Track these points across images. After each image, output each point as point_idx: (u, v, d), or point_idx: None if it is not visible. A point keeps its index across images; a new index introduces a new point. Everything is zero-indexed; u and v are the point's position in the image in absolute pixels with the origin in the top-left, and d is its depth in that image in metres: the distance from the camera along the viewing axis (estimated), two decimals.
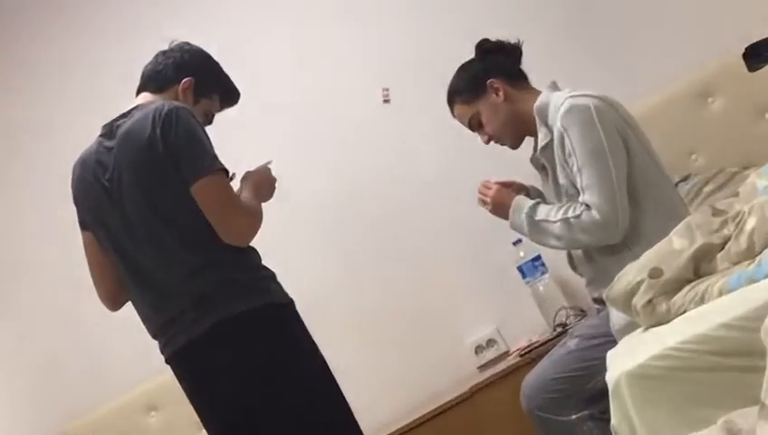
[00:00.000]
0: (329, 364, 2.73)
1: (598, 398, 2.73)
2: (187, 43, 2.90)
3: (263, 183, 2.83)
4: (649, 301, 2.16)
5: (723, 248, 2.18)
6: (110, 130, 2.73)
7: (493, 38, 3.07)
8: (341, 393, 2.71)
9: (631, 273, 2.24)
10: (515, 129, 3.00)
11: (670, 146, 3.72)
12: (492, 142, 3.06)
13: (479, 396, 3.65)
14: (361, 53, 4.26)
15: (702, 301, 2.05)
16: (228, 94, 2.93)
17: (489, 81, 2.98)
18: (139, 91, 2.85)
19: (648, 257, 2.26)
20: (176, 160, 2.59)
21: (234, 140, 3.51)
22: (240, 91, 2.95)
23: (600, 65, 3.98)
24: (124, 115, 2.73)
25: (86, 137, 2.83)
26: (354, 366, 3.94)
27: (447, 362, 4.06)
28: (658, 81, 3.89)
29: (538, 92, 2.96)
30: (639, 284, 2.19)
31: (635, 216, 2.75)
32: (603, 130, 2.73)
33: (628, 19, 4.02)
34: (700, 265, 2.17)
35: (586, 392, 2.79)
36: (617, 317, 2.61)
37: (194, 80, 2.82)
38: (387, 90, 4.19)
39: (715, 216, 2.26)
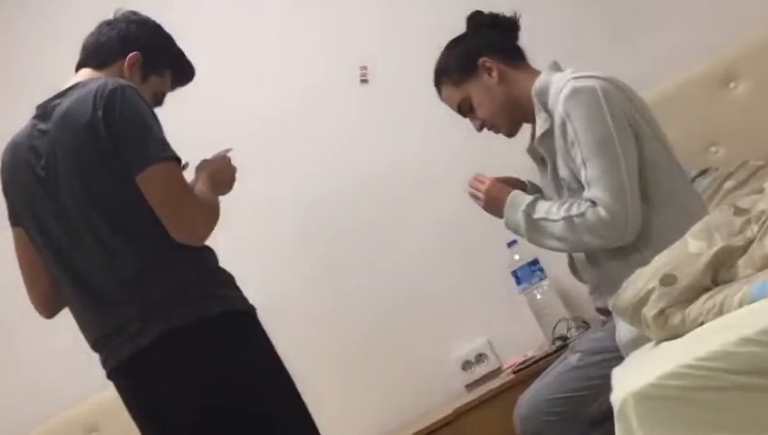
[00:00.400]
0: (296, 383, 2.72)
1: (601, 421, 2.73)
2: (135, 13, 2.89)
3: (220, 173, 2.82)
4: (661, 311, 2.16)
5: (745, 252, 2.18)
6: (44, 112, 2.71)
7: (486, 10, 3.06)
8: (307, 412, 2.70)
9: (641, 279, 2.24)
10: (511, 114, 2.99)
11: (687, 136, 3.73)
12: (485, 129, 3.06)
13: (466, 419, 3.62)
14: (335, 24, 4.24)
15: (721, 312, 2.05)
16: (181, 71, 2.92)
17: (481, 59, 2.97)
18: (78, 67, 2.83)
19: (661, 262, 2.26)
20: (120, 146, 2.56)
21: (188, 124, 3.50)
22: (195, 68, 2.93)
23: (609, 43, 3.99)
24: (61, 94, 2.71)
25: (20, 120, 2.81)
26: (326, 384, 3.96)
27: (431, 379, 4.06)
28: (674, 62, 3.89)
29: (537, 73, 2.95)
30: (650, 292, 2.19)
31: (646, 214, 2.74)
32: (611, 115, 2.72)
33: None
34: (719, 272, 2.17)
35: (588, 415, 2.79)
36: (624, 330, 2.62)
37: (141, 54, 2.80)
38: (365, 68, 4.19)
39: (737, 215, 2.27)
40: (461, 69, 3.01)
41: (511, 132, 3.04)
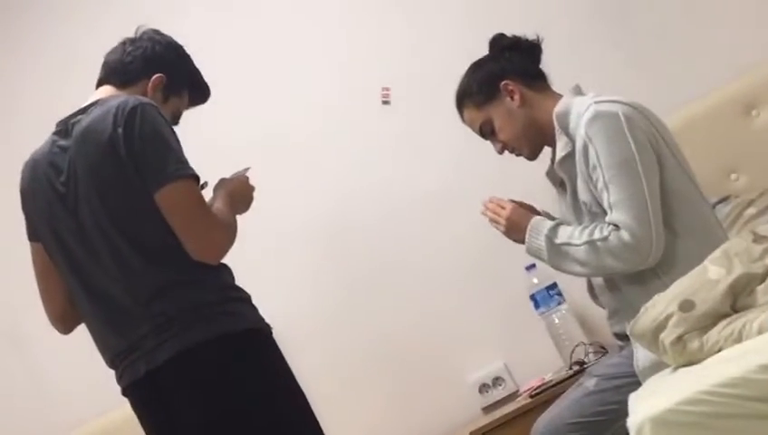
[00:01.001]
0: (311, 403, 2.69)
1: None
2: (158, 32, 2.88)
3: (238, 192, 2.82)
4: (679, 337, 2.15)
5: (765, 279, 2.16)
6: (64, 128, 2.71)
7: (509, 33, 3.05)
8: (321, 432, 2.67)
9: (660, 305, 2.23)
10: (533, 137, 2.97)
11: (708, 163, 3.71)
12: (506, 152, 3.04)
13: None
14: (359, 47, 4.25)
15: (740, 339, 2.04)
16: (199, 92, 2.93)
17: (503, 82, 2.96)
18: (100, 84, 2.83)
19: (680, 288, 2.25)
20: (139, 164, 2.56)
21: (210, 143, 3.49)
22: (215, 90, 2.94)
23: (631, 69, 3.97)
24: (82, 111, 2.70)
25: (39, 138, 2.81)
26: (341, 405, 3.96)
27: (448, 401, 4.03)
28: (696, 89, 3.87)
29: (559, 96, 2.94)
30: (668, 317, 2.18)
31: (668, 240, 2.71)
32: (634, 140, 2.70)
33: (664, 18, 4.00)
34: (738, 298, 2.16)
35: None
36: (642, 355, 2.60)
37: (165, 77, 2.79)
38: (387, 89, 4.18)
39: (757, 242, 2.26)
40: (483, 92, 2.99)
41: (532, 155, 3.02)
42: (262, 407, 2.57)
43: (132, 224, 2.59)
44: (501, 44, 3.05)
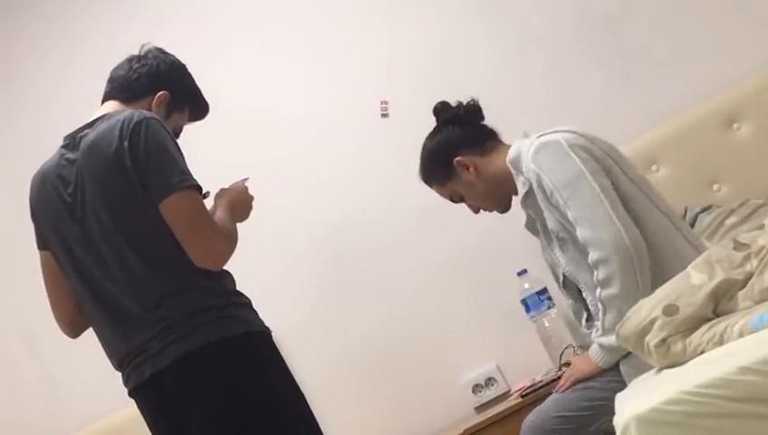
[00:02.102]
0: (309, 403, 2.70)
1: None
2: (162, 51, 2.89)
3: (238, 201, 2.82)
4: (663, 340, 2.14)
5: (745, 285, 2.17)
6: (72, 141, 2.71)
7: (452, 101, 3.10)
8: (321, 433, 2.68)
9: (644, 309, 2.23)
10: (498, 195, 3.05)
11: (691, 174, 3.74)
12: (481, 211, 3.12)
13: None
14: (357, 60, 4.24)
15: (721, 342, 2.03)
16: (200, 109, 2.95)
17: (456, 160, 3.02)
18: (105, 99, 2.84)
19: (664, 293, 2.25)
20: (144, 176, 2.57)
21: (212, 156, 3.50)
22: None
23: (617, 85, 3.98)
24: (89, 125, 2.71)
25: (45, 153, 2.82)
26: (337, 405, 3.94)
27: (442, 401, 4.04)
28: (680, 104, 3.88)
29: (509, 147, 2.98)
30: (653, 321, 2.17)
31: None
32: (577, 156, 2.74)
33: (649, 37, 4.00)
34: (719, 303, 2.16)
35: (590, 434, 2.77)
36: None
37: (169, 94, 2.81)
38: (386, 102, 4.18)
39: (737, 250, 2.25)
40: (441, 172, 3.08)
41: (503, 209, 3.10)
42: (263, 407, 2.57)
43: (137, 233, 2.60)
44: (444, 117, 3.10)
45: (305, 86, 4.28)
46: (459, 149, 3.02)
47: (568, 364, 3.52)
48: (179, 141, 2.76)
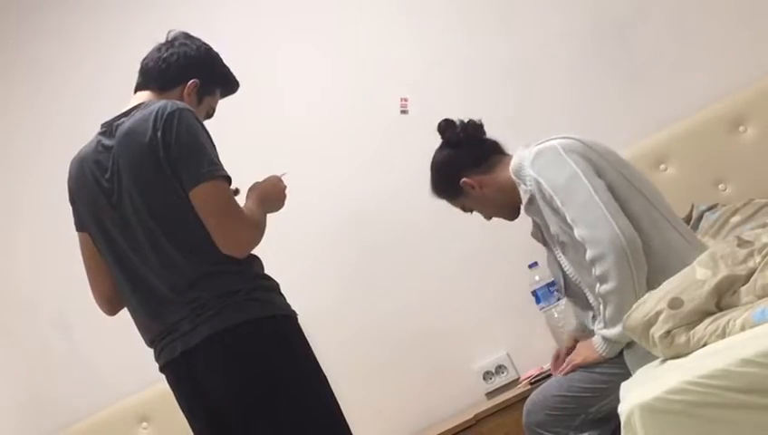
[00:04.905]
0: (330, 384, 2.70)
1: (600, 423, 2.74)
2: (188, 36, 2.88)
3: (270, 192, 2.82)
4: (668, 332, 2.15)
5: (747, 281, 2.17)
6: (109, 129, 2.72)
7: (455, 119, 3.11)
8: (341, 413, 2.68)
9: (650, 302, 2.24)
10: (506, 206, 3.04)
11: (698, 174, 3.72)
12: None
13: (485, 424, 3.63)
14: (377, 58, 4.23)
15: (723, 334, 2.04)
16: (229, 87, 2.94)
17: (462, 181, 3.04)
18: (138, 88, 2.84)
19: (669, 287, 2.26)
20: (175, 165, 2.57)
21: (238, 148, 3.50)
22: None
23: (627, 88, 3.97)
24: (125, 114, 2.72)
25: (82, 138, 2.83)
26: (356, 388, 3.95)
27: (454, 387, 4.04)
28: (688, 106, 3.85)
29: (511, 157, 2.98)
30: (658, 313, 2.18)
31: None
32: (572, 159, 2.75)
33: (656, 40, 3.99)
34: (723, 298, 2.17)
35: (590, 415, 2.77)
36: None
37: (199, 81, 2.81)
38: (405, 99, 4.16)
39: (741, 247, 2.26)
40: (449, 193, 3.12)
41: (512, 217, 3.09)
42: (287, 386, 2.58)
43: (169, 219, 2.60)
44: (447, 138, 3.12)
45: (328, 82, 4.26)
46: (464, 171, 3.05)
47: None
48: (212, 122, 2.77)
